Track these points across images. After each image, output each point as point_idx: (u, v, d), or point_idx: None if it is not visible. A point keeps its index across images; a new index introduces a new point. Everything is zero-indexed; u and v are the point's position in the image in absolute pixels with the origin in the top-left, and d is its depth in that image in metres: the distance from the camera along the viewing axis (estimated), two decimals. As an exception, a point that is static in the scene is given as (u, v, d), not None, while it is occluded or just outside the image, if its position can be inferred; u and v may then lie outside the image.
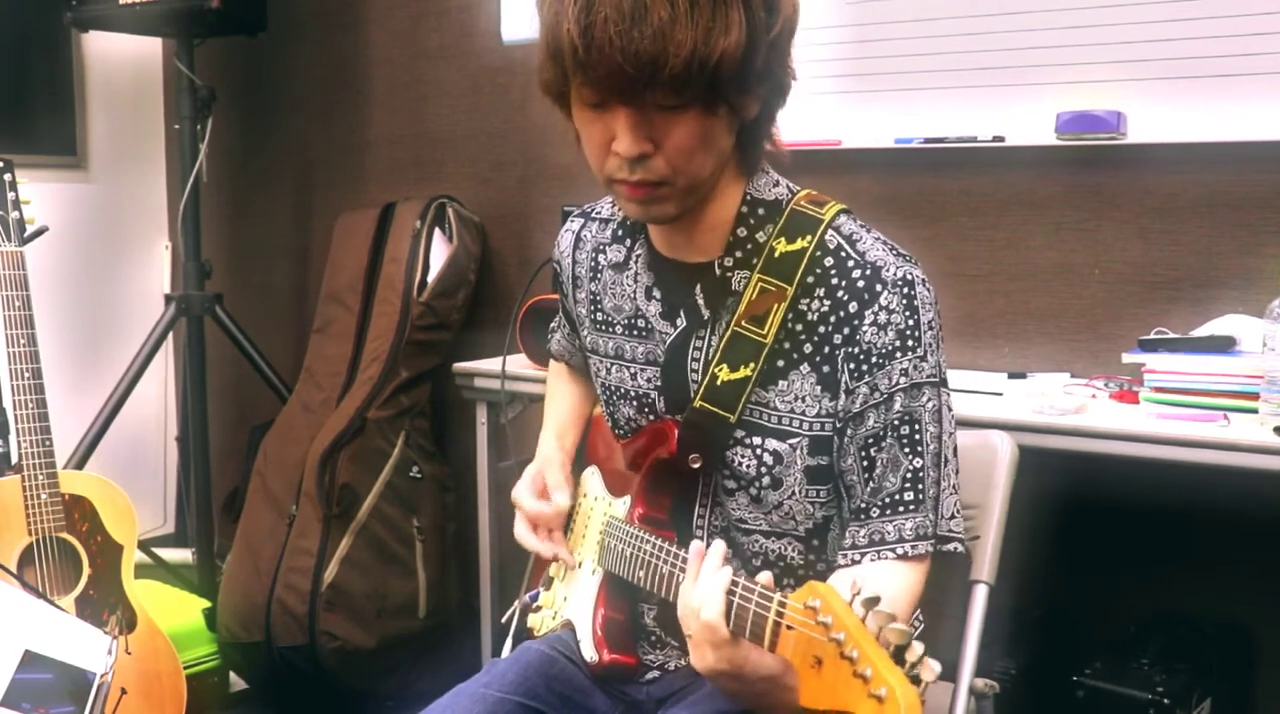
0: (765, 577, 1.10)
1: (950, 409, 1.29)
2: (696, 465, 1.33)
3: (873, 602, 0.94)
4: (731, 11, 1.14)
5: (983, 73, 2.34)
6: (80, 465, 2.82)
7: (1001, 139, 2.31)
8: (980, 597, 1.57)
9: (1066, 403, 1.96)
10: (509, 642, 1.61)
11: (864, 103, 2.46)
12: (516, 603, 1.63)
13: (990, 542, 1.58)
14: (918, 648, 0.89)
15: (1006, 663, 2.10)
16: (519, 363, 2.53)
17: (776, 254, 1.29)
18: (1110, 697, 1.95)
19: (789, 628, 1.02)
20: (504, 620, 1.65)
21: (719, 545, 1.16)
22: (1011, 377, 2.24)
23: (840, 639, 0.93)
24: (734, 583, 1.09)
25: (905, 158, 2.43)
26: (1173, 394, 1.95)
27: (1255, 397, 1.85)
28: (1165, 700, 1.90)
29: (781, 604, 1.03)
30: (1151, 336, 2.07)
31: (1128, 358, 2.05)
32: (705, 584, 1.12)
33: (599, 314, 1.45)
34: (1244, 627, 2.16)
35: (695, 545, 1.18)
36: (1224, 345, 1.97)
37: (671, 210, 1.27)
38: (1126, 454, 1.86)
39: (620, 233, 1.45)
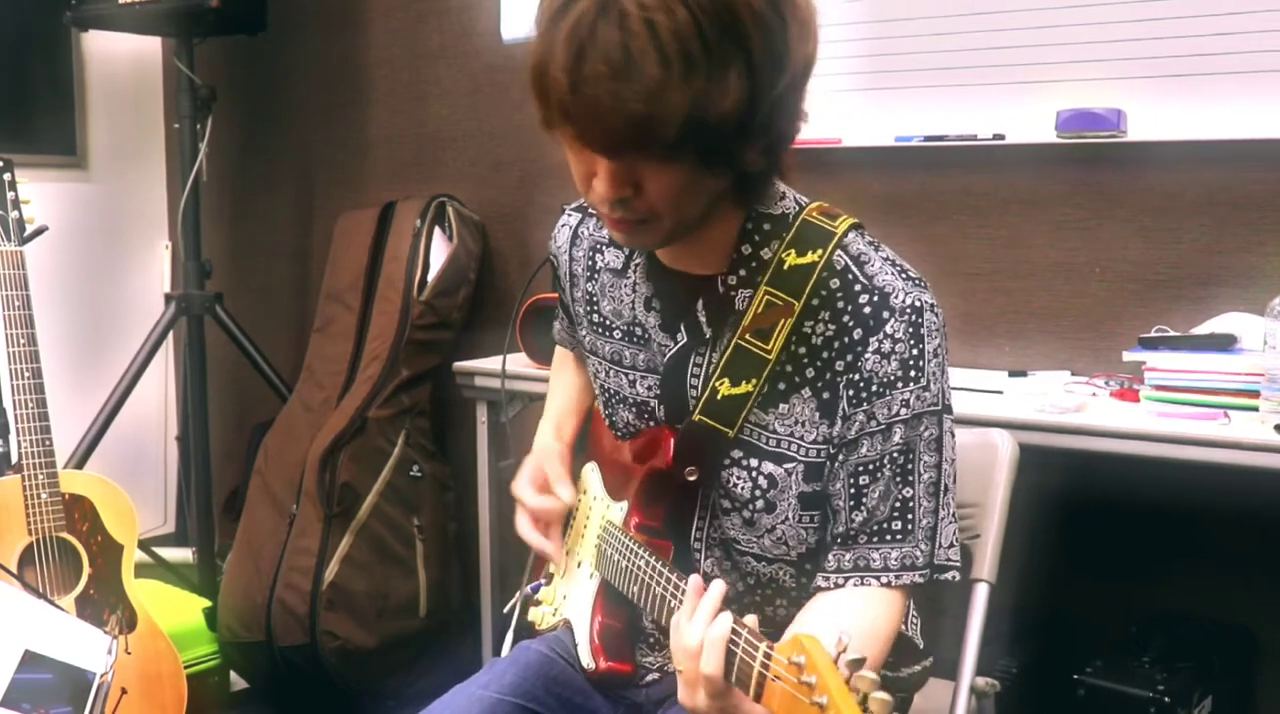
0: (751, 620, 1.07)
1: (952, 435, 1.26)
2: (693, 478, 1.30)
3: (857, 664, 0.92)
4: (730, 73, 1.07)
5: (983, 70, 2.34)
6: (80, 465, 2.81)
7: (1002, 137, 2.31)
8: (981, 595, 1.57)
9: (1067, 401, 1.96)
10: (510, 635, 1.61)
11: (864, 101, 2.46)
12: (518, 594, 1.63)
13: (991, 540, 1.58)
14: None
15: (1007, 661, 2.10)
16: (519, 362, 2.53)
17: (785, 266, 1.25)
18: (1111, 695, 1.94)
19: (775, 679, 1.00)
20: (505, 611, 1.64)
21: (719, 586, 1.12)
22: (1012, 375, 2.24)
23: (823, 704, 0.92)
24: (735, 633, 1.06)
25: (905, 156, 2.43)
26: (1173, 392, 1.95)
27: (1256, 395, 1.85)
28: (1166, 699, 1.90)
29: (767, 655, 1.02)
30: (1152, 335, 2.07)
31: (1128, 356, 2.05)
32: (701, 628, 1.09)
33: (596, 316, 1.43)
34: (1245, 625, 2.16)
35: (695, 580, 1.14)
36: (1224, 343, 1.97)
37: (655, 241, 1.24)
38: (1127, 452, 1.86)
39: None
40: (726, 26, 1.07)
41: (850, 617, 1.20)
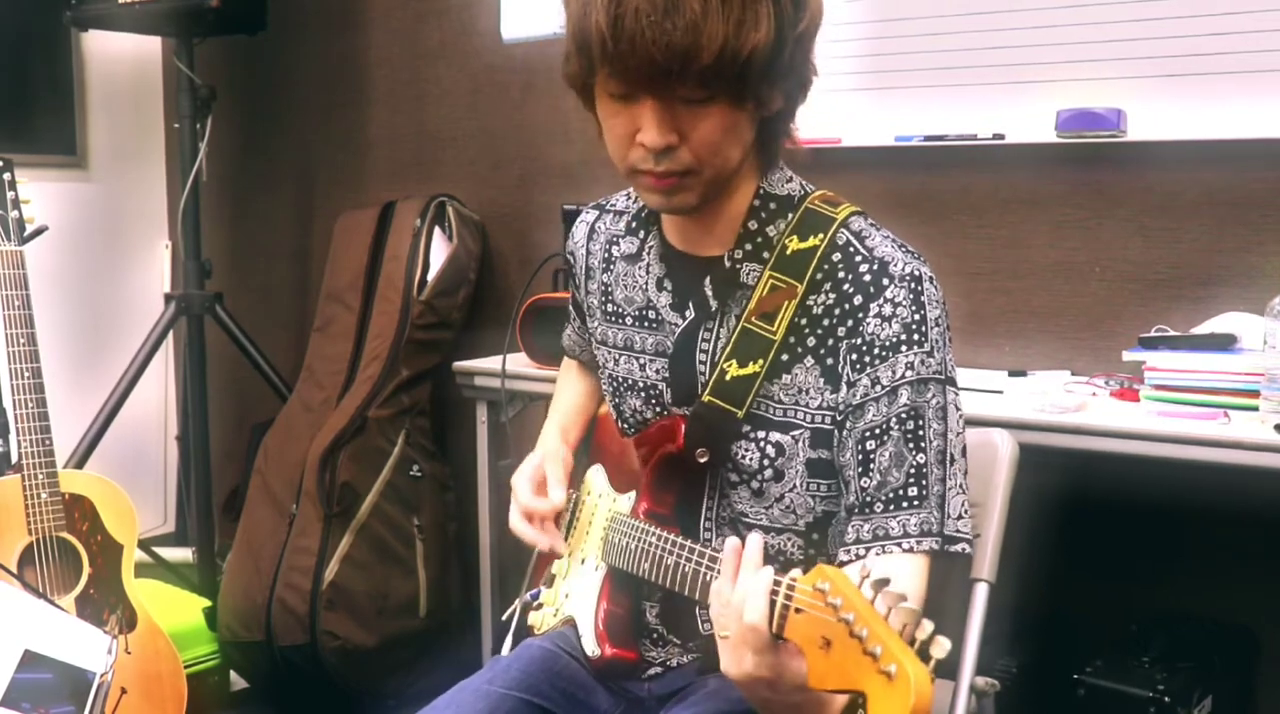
0: (796, 573, 1.05)
1: (958, 409, 1.28)
2: (704, 460, 1.32)
3: (882, 583, 0.93)
4: (760, 6, 1.16)
5: (983, 70, 2.34)
6: (80, 465, 2.81)
7: (1002, 137, 2.31)
8: (981, 595, 1.56)
9: (1067, 401, 1.96)
10: (509, 640, 1.61)
11: (864, 100, 2.46)
12: (517, 601, 1.63)
13: (991, 540, 1.58)
14: (928, 625, 0.89)
15: (1007, 661, 2.10)
16: (519, 362, 2.53)
17: (789, 251, 1.30)
18: (1111, 695, 1.94)
19: (797, 611, 1.00)
20: (504, 618, 1.64)
21: (757, 540, 1.12)
22: (1012, 375, 2.24)
23: (850, 619, 0.92)
24: (777, 583, 1.04)
25: (905, 156, 2.43)
26: (1173, 392, 1.95)
27: (1256, 394, 1.85)
28: (1166, 699, 1.90)
29: (790, 587, 1.02)
30: (1152, 334, 2.07)
31: (1128, 356, 2.05)
32: (746, 583, 1.08)
33: (610, 305, 1.46)
34: (1245, 625, 2.16)
35: (732, 542, 1.13)
36: (1224, 343, 1.97)
37: (693, 200, 1.28)
38: (1127, 452, 1.86)
39: (634, 225, 1.46)
40: None
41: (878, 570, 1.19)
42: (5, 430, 2.54)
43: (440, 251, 2.95)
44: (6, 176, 2.32)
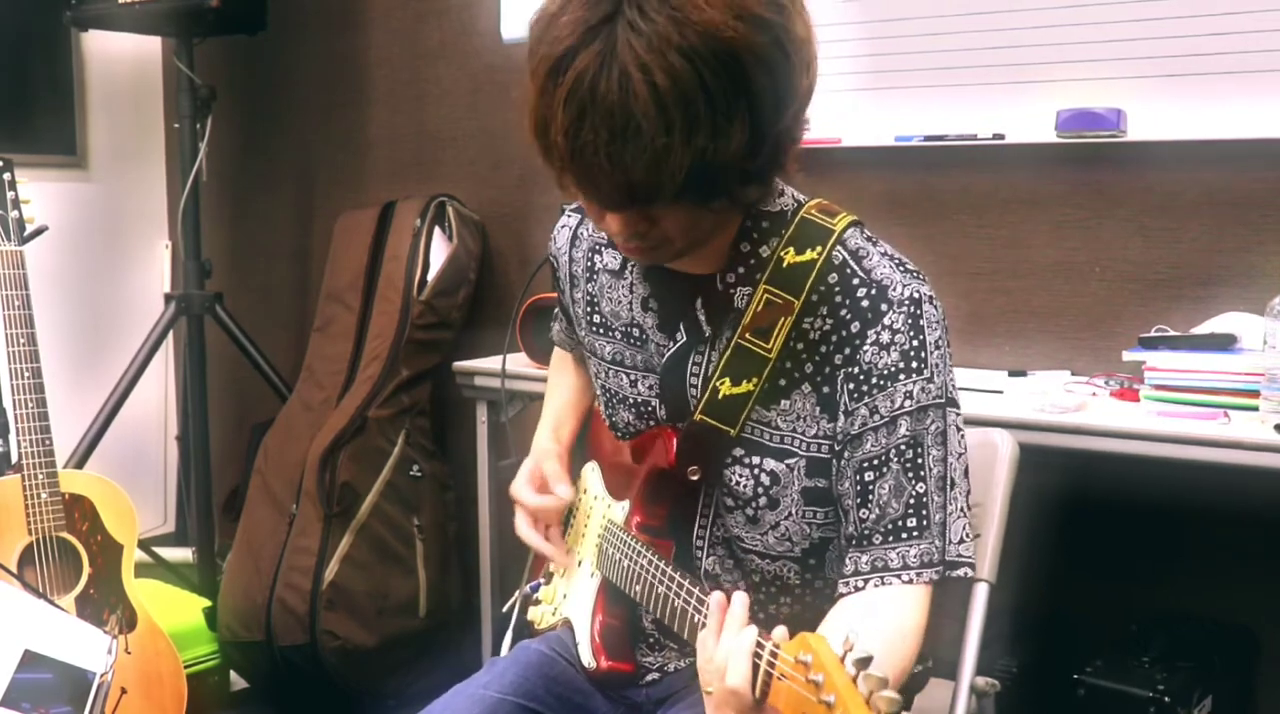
0: (780, 632, 1.05)
1: (959, 430, 1.25)
2: (695, 477, 1.30)
3: (864, 663, 0.91)
4: (734, 123, 1.07)
5: (983, 70, 2.34)
6: (80, 465, 2.81)
7: (1002, 137, 2.31)
8: (981, 595, 1.56)
9: (1067, 401, 1.96)
10: (509, 636, 1.61)
11: (864, 100, 2.46)
12: (517, 593, 1.63)
13: (991, 540, 1.57)
14: None
15: (1007, 661, 2.10)
16: (519, 361, 2.53)
17: (784, 264, 1.25)
18: (1111, 695, 1.95)
19: (780, 678, 1.00)
20: (504, 610, 1.64)
21: (742, 599, 1.10)
22: (1012, 375, 2.24)
23: (830, 702, 0.91)
24: (760, 644, 1.04)
25: (905, 156, 2.43)
26: (1173, 392, 1.95)
27: (1256, 394, 1.85)
28: (1166, 699, 1.90)
29: (773, 654, 1.01)
30: (1152, 334, 2.07)
31: (1128, 356, 2.05)
32: (728, 644, 1.07)
33: (596, 316, 1.43)
34: (1245, 625, 2.16)
35: (717, 597, 1.12)
36: (1224, 343, 1.97)
37: (668, 259, 1.25)
38: (1127, 452, 1.86)
39: None
40: (730, 73, 1.06)
41: (874, 617, 1.19)
42: (5, 430, 2.54)
43: (440, 251, 2.95)
44: (6, 176, 2.32)
